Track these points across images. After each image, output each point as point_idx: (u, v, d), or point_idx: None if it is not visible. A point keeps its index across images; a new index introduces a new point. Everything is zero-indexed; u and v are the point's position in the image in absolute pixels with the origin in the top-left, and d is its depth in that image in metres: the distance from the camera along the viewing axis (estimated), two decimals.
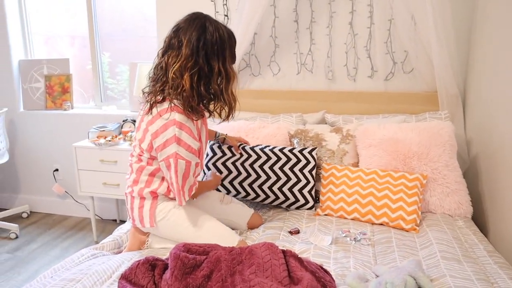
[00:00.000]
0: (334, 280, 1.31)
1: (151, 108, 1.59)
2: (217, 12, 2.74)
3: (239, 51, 2.58)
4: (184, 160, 1.55)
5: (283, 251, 1.34)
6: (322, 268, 1.36)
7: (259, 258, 1.26)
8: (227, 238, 1.64)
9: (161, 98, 1.59)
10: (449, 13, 2.26)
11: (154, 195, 1.68)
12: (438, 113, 2.31)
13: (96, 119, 3.18)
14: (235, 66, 1.72)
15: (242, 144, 2.15)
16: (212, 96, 1.63)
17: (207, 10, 2.73)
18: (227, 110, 1.66)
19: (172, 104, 1.55)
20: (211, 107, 1.68)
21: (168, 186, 1.66)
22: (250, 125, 2.32)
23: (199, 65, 1.54)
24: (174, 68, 1.53)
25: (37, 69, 3.35)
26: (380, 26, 2.50)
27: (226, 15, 2.72)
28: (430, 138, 2.04)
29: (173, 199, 1.70)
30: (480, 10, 2.26)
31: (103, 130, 2.93)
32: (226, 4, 2.71)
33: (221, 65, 1.57)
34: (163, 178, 1.67)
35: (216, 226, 1.70)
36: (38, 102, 3.37)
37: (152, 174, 1.67)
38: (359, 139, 2.17)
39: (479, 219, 2.09)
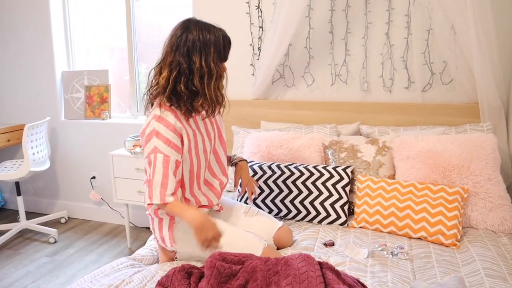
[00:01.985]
0: None
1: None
2: (252, 23, 2.78)
3: (273, 61, 2.62)
4: (162, 154, 1.51)
5: (320, 263, 1.32)
6: (359, 281, 1.32)
7: (295, 269, 1.24)
8: (250, 248, 1.58)
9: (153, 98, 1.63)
10: (491, 21, 2.19)
11: (172, 216, 1.67)
12: (480, 125, 2.24)
13: (132, 128, 3.27)
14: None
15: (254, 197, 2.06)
16: (193, 94, 1.57)
17: (243, 21, 2.79)
18: (213, 108, 1.63)
19: (160, 102, 1.58)
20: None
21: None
22: (284, 136, 2.32)
23: (178, 61, 1.54)
24: (156, 65, 1.60)
25: (78, 80, 3.48)
26: (417, 36, 2.46)
27: (261, 27, 2.75)
28: (471, 150, 1.97)
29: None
30: None
31: (139, 139, 3.00)
32: (261, 16, 2.74)
33: (204, 61, 1.53)
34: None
35: (238, 238, 1.64)
36: (78, 112, 3.50)
37: None
38: (396, 151, 2.12)
39: None
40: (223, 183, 1.83)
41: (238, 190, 2.14)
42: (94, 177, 3.49)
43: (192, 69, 1.54)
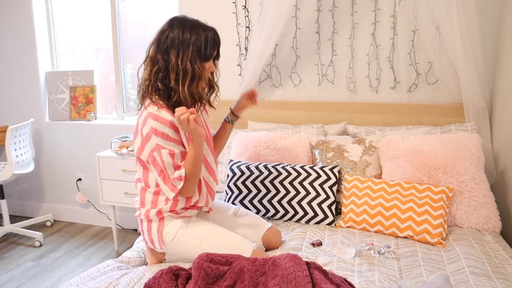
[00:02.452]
0: None
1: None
2: (239, 24, 2.77)
3: (260, 61, 2.61)
4: (167, 149, 1.54)
5: (307, 263, 1.32)
6: (346, 281, 1.33)
7: (282, 270, 1.24)
8: (239, 249, 1.58)
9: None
10: (476, 23, 2.22)
11: (161, 215, 1.65)
12: (464, 125, 2.27)
13: (118, 129, 3.23)
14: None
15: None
16: (170, 90, 1.59)
17: (229, 21, 2.78)
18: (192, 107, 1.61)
19: (154, 100, 1.58)
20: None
21: (174, 203, 1.63)
22: (271, 136, 2.32)
23: (157, 57, 1.57)
24: (144, 60, 1.63)
25: (63, 80, 3.43)
26: (403, 37, 2.48)
27: (248, 27, 2.75)
28: (456, 150, 2.00)
29: (182, 216, 1.67)
30: (508, 20, 2.22)
31: (125, 140, 2.97)
32: (248, 16, 2.74)
33: (179, 60, 1.54)
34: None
35: (227, 239, 1.64)
36: (63, 113, 3.45)
37: (156, 193, 1.64)
38: (382, 151, 2.13)
39: (508, 234, 2.02)
40: (215, 185, 1.82)
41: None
42: (80, 179, 3.45)
43: (167, 67, 1.56)
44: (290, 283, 1.19)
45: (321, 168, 2.08)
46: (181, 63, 1.54)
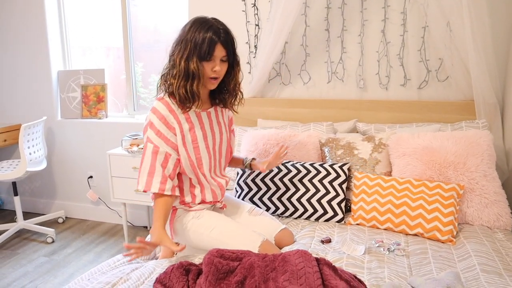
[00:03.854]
0: None
1: None
2: (248, 21, 2.78)
3: (270, 59, 2.62)
4: (152, 144, 1.57)
5: (317, 259, 1.33)
6: (356, 277, 1.33)
7: (292, 266, 1.25)
8: (248, 240, 1.62)
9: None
10: (487, 19, 2.20)
11: (174, 208, 1.71)
12: (475, 122, 2.25)
13: (129, 127, 3.26)
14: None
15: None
16: (170, 86, 1.63)
17: (239, 19, 2.79)
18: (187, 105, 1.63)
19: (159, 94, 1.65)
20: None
21: (181, 197, 1.70)
22: (281, 134, 2.32)
23: (171, 53, 1.63)
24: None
25: (74, 79, 3.47)
26: (413, 34, 2.47)
27: (257, 25, 2.75)
28: (467, 147, 1.98)
29: (194, 210, 1.72)
30: None
31: (136, 138, 3.00)
32: (257, 14, 2.74)
33: (178, 57, 1.57)
34: (180, 188, 1.70)
35: (237, 230, 1.67)
36: (75, 111, 3.49)
37: None
38: (392, 148, 2.13)
39: None
40: (227, 181, 1.85)
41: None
42: (91, 177, 3.49)
43: (171, 63, 1.61)
44: (300, 278, 1.19)
45: (331, 166, 2.08)
46: (179, 60, 1.57)
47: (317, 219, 2.03)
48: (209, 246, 1.63)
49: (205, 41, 1.55)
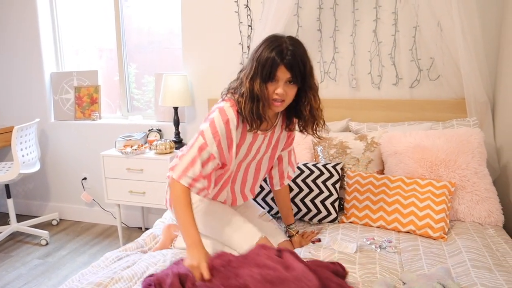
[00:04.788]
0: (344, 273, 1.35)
1: None
2: (241, 22, 2.79)
3: None
4: (204, 140, 1.50)
5: (278, 249, 1.37)
6: (337, 263, 1.36)
7: (252, 258, 1.30)
8: (248, 234, 1.64)
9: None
10: (477, 18, 2.23)
11: None
12: (466, 120, 2.27)
13: (122, 128, 3.26)
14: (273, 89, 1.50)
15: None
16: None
17: (231, 20, 2.80)
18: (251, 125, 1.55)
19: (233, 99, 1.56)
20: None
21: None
22: None
23: (242, 68, 1.59)
24: None
25: (68, 81, 3.47)
26: (405, 34, 2.49)
27: (250, 25, 2.77)
28: (458, 145, 2.00)
29: (203, 195, 1.70)
30: (509, 14, 2.22)
31: (130, 139, 3.00)
32: (250, 15, 2.76)
33: (245, 76, 1.51)
34: None
35: (238, 222, 1.68)
36: (68, 113, 3.48)
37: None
38: (384, 147, 2.14)
39: (511, 228, 2.02)
40: (247, 198, 1.84)
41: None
42: (85, 178, 3.48)
43: (239, 81, 1.56)
44: (261, 267, 1.23)
45: (324, 166, 2.09)
46: (245, 79, 1.50)
47: (311, 219, 2.04)
48: (206, 231, 1.66)
49: (268, 61, 1.45)
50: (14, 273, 2.72)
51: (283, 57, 1.45)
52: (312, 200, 2.02)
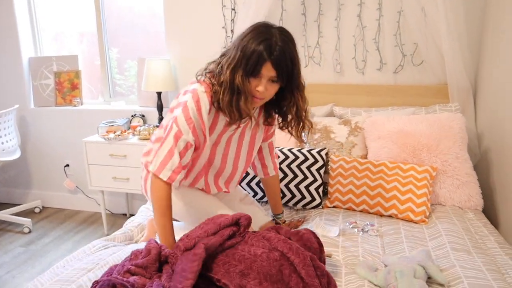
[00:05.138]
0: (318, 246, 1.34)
1: None
2: (224, 6, 2.74)
3: None
4: (177, 128, 1.42)
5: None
6: (312, 232, 1.37)
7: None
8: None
9: None
10: (461, 5, 2.24)
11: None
12: (448, 105, 2.29)
13: (105, 114, 3.21)
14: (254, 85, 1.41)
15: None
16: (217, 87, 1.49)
17: (215, 3, 2.75)
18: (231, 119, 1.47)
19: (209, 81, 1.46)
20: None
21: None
22: None
23: (223, 54, 1.49)
24: None
25: (47, 66, 3.38)
26: (389, 19, 2.48)
27: (234, 9, 2.72)
28: (440, 130, 2.02)
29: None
30: (493, 2, 2.23)
31: (112, 125, 2.96)
32: None
33: (227, 65, 1.40)
34: None
35: (214, 208, 1.61)
36: (48, 99, 3.40)
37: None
38: (367, 131, 2.15)
39: (490, 212, 2.07)
40: (221, 190, 1.76)
41: None
42: (67, 165, 3.43)
43: (218, 68, 1.44)
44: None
45: (309, 151, 2.09)
46: (226, 68, 1.39)
47: (295, 204, 2.05)
48: (178, 215, 1.64)
49: (253, 55, 1.34)
50: None
51: (271, 53, 1.34)
52: (296, 186, 2.03)
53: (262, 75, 1.37)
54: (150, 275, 1.22)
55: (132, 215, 3.30)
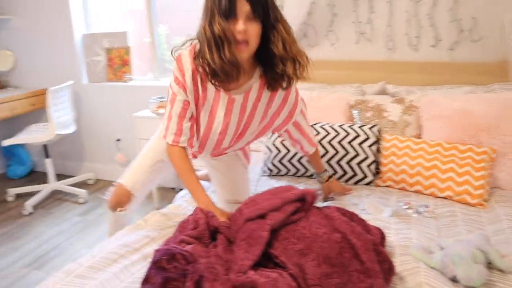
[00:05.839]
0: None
1: None
2: None
3: (296, 21, 2.55)
4: (172, 91, 1.47)
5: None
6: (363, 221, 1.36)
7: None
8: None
9: None
10: None
11: None
12: (509, 84, 2.18)
13: (155, 90, 3.28)
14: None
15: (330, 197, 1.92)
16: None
17: None
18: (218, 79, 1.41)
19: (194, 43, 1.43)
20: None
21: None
22: (310, 95, 2.30)
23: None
24: None
25: (98, 43, 3.48)
26: None
27: None
28: (500, 110, 1.93)
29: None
30: None
31: (162, 101, 3.02)
32: None
33: (204, 25, 1.35)
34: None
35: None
36: (100, 75, 3.52)
37: None
38: (423, 110, 2.09)
39: None
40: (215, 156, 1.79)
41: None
42: (119, 140, 3.56)
43: (200, 36, 1.39)
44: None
45: (360, 127, 2.07)
46: (204, 24, 1.35)
47: (347, 181, 2.05)
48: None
49: None
50: (56, 229, 2.87)
51: None
52: (348, 162, 2.02)
53: (238, 14, 1.31)
54: (205, 244, 1.27)
55: (181, 189, 3.41)
